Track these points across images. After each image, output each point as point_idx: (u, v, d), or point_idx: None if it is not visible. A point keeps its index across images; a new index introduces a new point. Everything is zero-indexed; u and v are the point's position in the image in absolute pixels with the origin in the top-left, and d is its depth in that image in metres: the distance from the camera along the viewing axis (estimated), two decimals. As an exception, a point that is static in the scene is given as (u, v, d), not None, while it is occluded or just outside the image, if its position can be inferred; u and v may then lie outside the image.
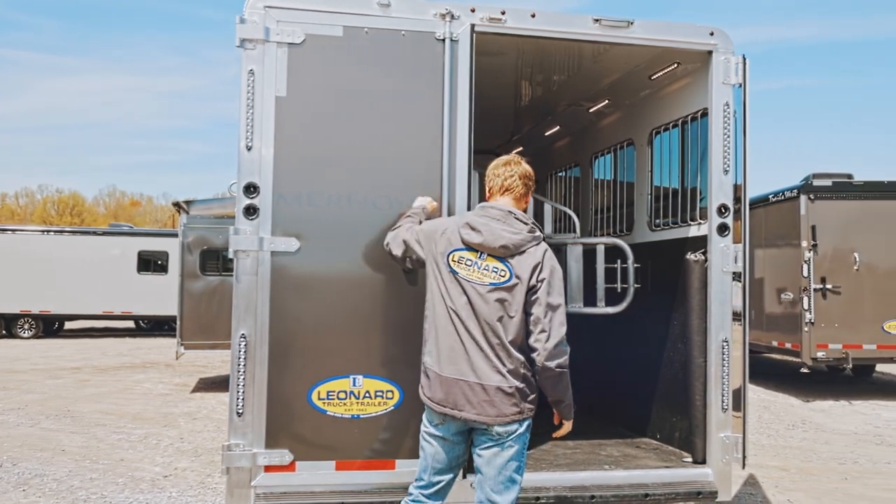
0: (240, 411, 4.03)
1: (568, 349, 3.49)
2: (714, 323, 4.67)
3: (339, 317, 4.17)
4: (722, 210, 4.66)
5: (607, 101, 6.57)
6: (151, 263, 22.89)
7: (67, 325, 26.00)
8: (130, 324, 26.51)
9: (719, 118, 4.68)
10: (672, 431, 5.37)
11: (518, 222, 3.53)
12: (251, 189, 4.06)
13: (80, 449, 8.34)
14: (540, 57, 5.59)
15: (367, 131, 4.22)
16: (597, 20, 4.48)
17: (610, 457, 5.09)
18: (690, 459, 4.94)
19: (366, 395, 4.16)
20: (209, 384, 13.57)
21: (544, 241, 3.59)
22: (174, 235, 17.70)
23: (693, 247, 5.08)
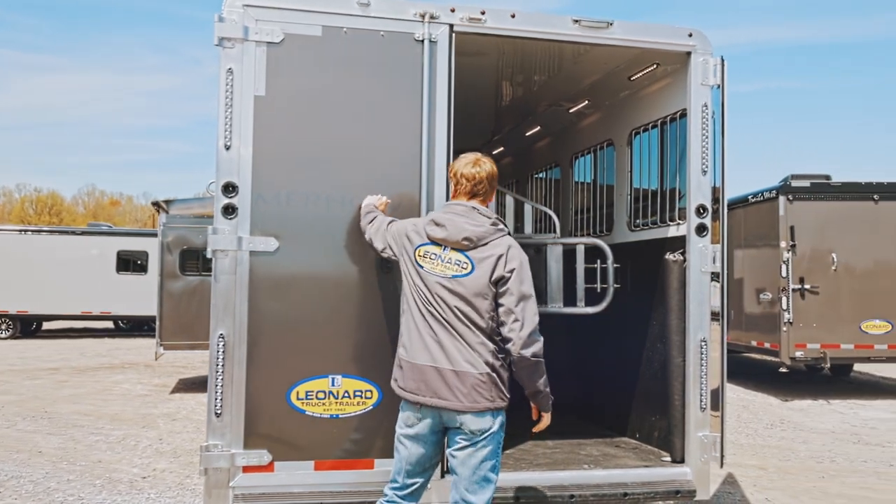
0: (218, 412, 4.01)
1: (541, 339, 3.53)
2: (692, 323, 4.71)
3: (318, 316, 4.17)
4: (700, 210, 4.69)
5: (587, 102, 6.60)
6: (131, 263, 22.66)
7: (45, 326, 25.66)
8: (109, 324, 26.26)
9: (698, 119, 4.72)
10: (651, 431, 5.40)
11: (481, 216, 3.61)
12: (230, 188, 4.04)
13: (58, 450, 8.24)
14: (520, 57, 5.61)
15: (346, 131, 4.22)
16: (576, 21, 4.51)
17: (589, 456, 5.12)
18: (669, 458, 4.98)
19: (345, 395, 4.16)
20: (189, 385, 13.47)
21: (509, 235, 3.64)
22: (154, 235, 17.51)
23: (672, 247, 5.11)
